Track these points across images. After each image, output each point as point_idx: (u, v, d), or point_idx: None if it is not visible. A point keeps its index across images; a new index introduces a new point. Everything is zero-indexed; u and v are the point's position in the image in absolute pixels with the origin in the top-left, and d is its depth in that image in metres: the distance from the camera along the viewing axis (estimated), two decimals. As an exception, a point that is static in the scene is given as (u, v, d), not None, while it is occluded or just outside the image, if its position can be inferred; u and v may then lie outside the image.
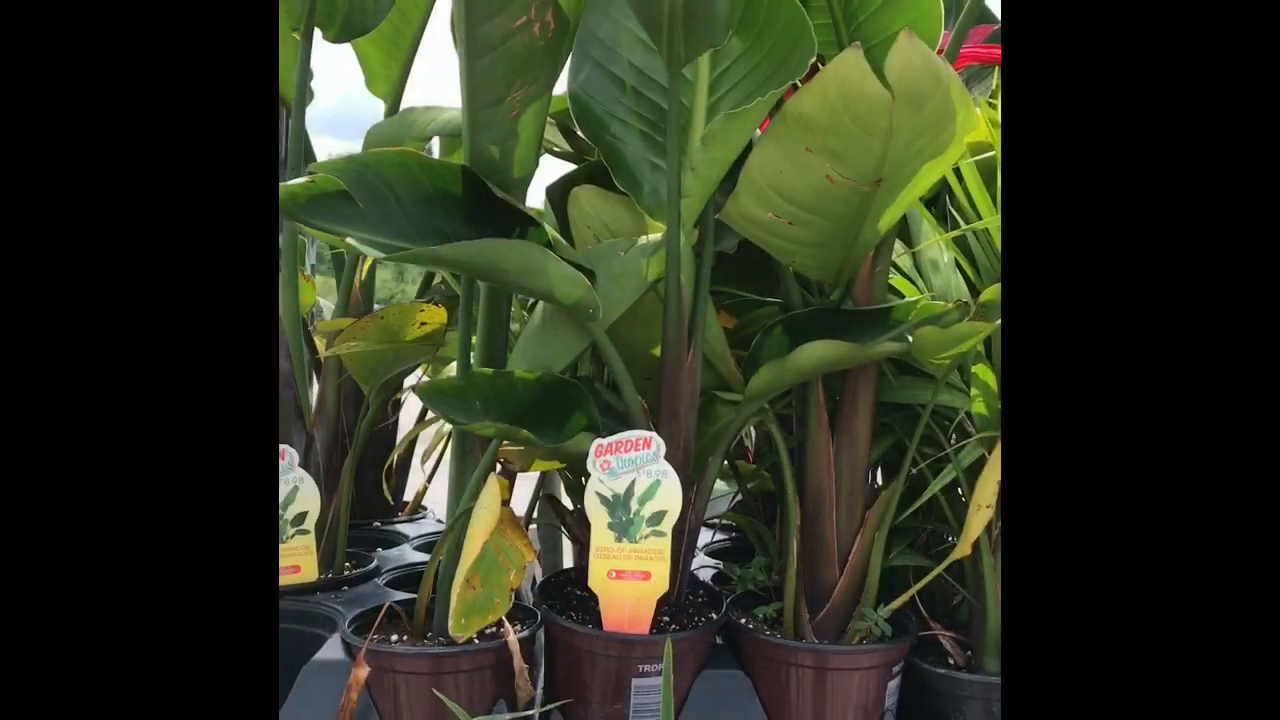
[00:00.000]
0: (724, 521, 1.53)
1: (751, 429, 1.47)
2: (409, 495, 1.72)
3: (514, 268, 0.96)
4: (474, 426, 0.99)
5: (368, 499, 1.55)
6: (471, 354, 1.11)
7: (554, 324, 1.08)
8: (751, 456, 1.50)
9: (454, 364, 1.13)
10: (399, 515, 1.65)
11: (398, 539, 1.50)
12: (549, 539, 1.43)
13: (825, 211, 0.96)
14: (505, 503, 1.02)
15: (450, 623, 0.97)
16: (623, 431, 0.99)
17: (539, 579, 1.26)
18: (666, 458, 0.99)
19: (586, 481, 1.00)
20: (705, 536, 1.50)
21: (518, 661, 1.00)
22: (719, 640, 1.11)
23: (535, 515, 1.37)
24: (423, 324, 1.19)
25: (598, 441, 1.00)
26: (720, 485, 1.44)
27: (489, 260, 0.94)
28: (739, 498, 1.41)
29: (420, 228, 0.97)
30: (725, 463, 1.27)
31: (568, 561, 1.42)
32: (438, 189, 1.00)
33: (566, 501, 1.32)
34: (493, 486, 0.97)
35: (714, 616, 1.09)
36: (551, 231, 1.07)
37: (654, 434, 1.00)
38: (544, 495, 1.32)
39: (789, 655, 1.04)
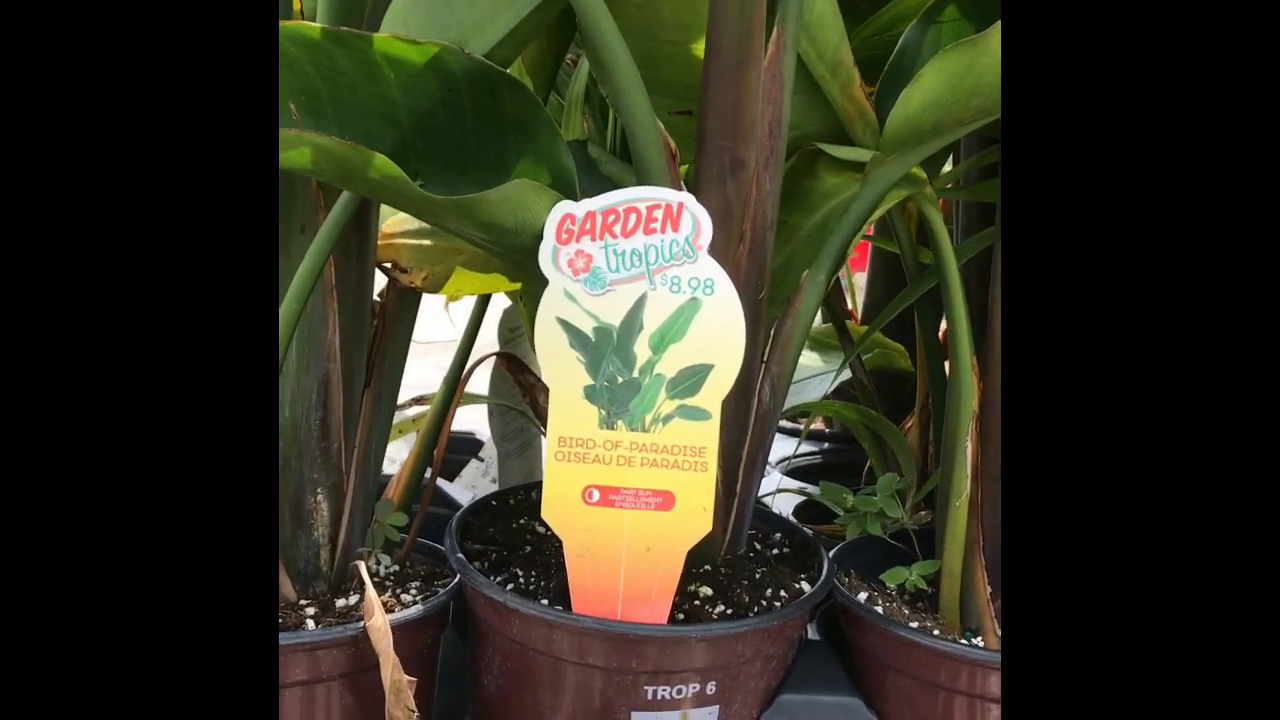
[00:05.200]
0: (819, 417, 1.01)
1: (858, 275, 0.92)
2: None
3: None
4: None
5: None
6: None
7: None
8: (859, 315, 0.95)
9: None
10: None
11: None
12: (514, 432, 0.87)
13: None
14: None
15: None
16: (622, 189, 0.52)
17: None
18: (714, 255, 0.53)
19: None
20: (782, 446, 0.93)
21: (390, 671, 0.54)
22: (811, 634, 0.68)
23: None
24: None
25: (565, 207, 0.52)
26: (809, 359, 0.88)
27: None
28: (843, 378, 0.89)
29: None
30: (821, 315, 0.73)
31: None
32: None
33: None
34: None
35: (804, 587, 0.63)
36: None
37: (688, 197, 0.53)
38: (499, 355, 0.76)
39: (958, 672, 0.60)
